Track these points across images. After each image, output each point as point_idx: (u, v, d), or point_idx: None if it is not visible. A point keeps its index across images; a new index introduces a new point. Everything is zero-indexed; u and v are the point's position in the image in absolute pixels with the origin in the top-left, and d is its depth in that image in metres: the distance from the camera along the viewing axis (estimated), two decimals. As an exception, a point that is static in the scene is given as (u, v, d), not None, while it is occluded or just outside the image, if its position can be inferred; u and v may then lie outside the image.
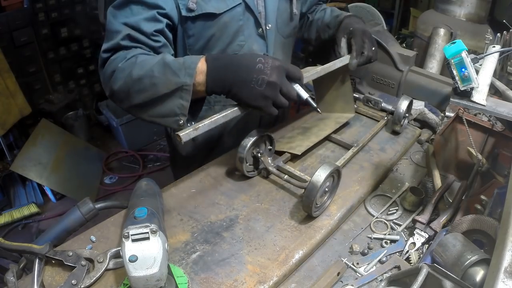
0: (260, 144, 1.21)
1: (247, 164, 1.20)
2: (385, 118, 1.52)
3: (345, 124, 1.49)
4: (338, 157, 1.30)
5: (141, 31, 1.05)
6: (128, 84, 1.00)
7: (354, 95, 1.55)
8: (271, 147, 1.25)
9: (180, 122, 0.98)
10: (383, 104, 1.53)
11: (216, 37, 1.23)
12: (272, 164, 1.20)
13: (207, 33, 1.21)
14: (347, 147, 1.37)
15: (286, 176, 1.17)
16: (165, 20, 1.11)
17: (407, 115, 1.45)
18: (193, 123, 0.97)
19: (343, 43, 1.34)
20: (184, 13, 1.14)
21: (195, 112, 1.04)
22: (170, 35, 1.15)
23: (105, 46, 1.07)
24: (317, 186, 1.00)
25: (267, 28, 1.31)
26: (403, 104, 1.41)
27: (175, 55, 1.24)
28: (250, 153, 1.18)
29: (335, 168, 1.05)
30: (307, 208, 1.05)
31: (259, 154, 1.19)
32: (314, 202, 1.02)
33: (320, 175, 1.01)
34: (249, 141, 1.16)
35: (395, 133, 1.47)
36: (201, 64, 0.97)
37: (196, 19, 1.17)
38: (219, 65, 0.97)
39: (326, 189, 1.09)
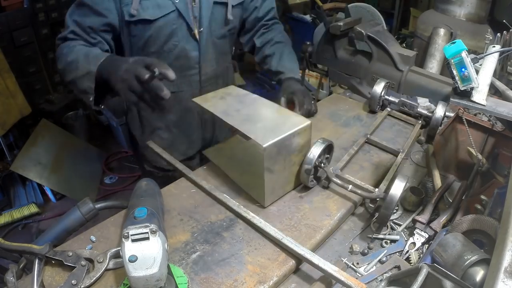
0: (320, 154, 1.14)
1: (312, 176, 1.16)
2: (419, 122, 1.51)
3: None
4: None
5: (84, 29, 1.37)
6: (65, 65, 1.33)
7: (356, 96, 1.55)
8: (328, 156, 1.21)
9: (90, 99, 1.27)
10: (419, 109, 1.53)
11: (153, 38, 1.45)
12: (333, 173, 1.16)
13: (146, 35, 1.44)
14: (394, 153, 1.35)
15: (350, 187, 1.11)
16: (105, 25, 1.38)
17: (443, 120, 1.43)
18: (101, 106, 1.33)
19: (283, 102, 1.52)
20: (127, 17, 1.38)
21: (101, 99, 1.32)
22: (107, 36, 1.41)
23: (60, 35, 1.42)
24: (395, 200, 0.99)
25: (200, 30, 1.49)
26: (441, 110, 1.39)
27: (123, 52, 1.52)
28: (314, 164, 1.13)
29: (407, 179, 1.04)
30: (382, 222, 1.05)
31: (322, 164, 1.16)
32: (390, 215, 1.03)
33: (398, 188, 0.99)
34: (316, 153, 1.11)
35: (430, 138, 1.45)
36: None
37: (137, 23, 1.40)
38: (105, 64, 1.22)
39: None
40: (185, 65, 1.53)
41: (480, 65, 1.05)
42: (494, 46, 1.08)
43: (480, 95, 0.94)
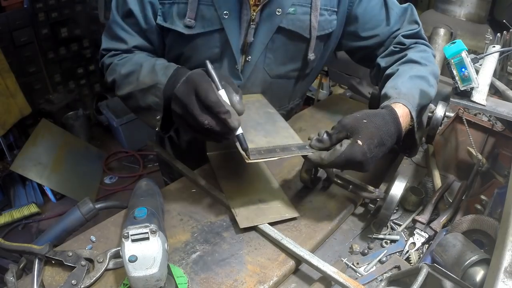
0: None
1: (312, 176, 1.15)
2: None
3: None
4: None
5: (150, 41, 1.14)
6: (119, 76, 1.07)
7: (356, 96, 1.54)
8: None
9: (157, 117, 0.99)
10: None
11: (185, 56, 1.15)
12: (333, 174, 1.15)
13: (177, 50, 1.15)
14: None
15: (351, 187, 1.11)
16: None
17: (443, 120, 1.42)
18: (166, 133, 1.05)
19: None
20: (159, 20, 1.10)
21: (169, 125, 1.04)
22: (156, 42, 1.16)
23: (105, 45, 1.16)
24: (395, 200, 0.99)
25: (247, 59, 1.14)
26: (441, 110, 1.38)
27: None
28: None
29: (407, 179, 1.02)
30: (382, 222, 1.05)
31: None
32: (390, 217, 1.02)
33: (398, 188, 0.99)
34: None
35: (430, 138, 1.44)
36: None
37: (168, 31, 1.11)
38: (172, 78, 0.96)
39: None
40: None
41: (480, 65, 1.05)
42: (494, 46, 1.08)
43: (480, 95, 0.94)
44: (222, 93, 0.89)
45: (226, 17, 1.06)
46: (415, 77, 1.07)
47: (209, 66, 0.90)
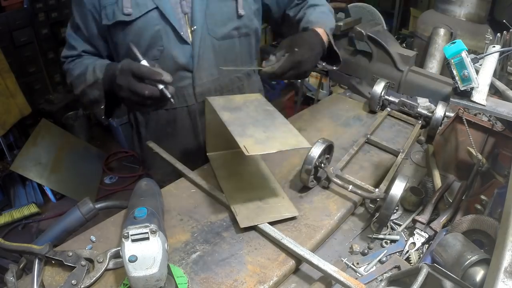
0: (321, 154, 1.13)
1: (312, 176, 1.16)
2: (419, 122, 1.51)
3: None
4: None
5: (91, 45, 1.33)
6: (74, 78, 1.30)
7: (356, 96, 1.54)
8: (328, 156, 1.21)
9: (102, 107, 1.22)
10: (419, 109, 1.52)
11: (134, 44, 1.19)
12: (333, 173, 1.16)
13: (126, 40, 1.24)
14: (394, 153, 1.35)
15: (351, 187, 1.11)
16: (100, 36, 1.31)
17: (443, 120, 1.43)
18: (110, 119, 1.27)
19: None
20: (104, 21, 1.24)
21: (112, 111, 1.29)
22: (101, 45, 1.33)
23: (66, 53, 1.36)
24: (395, 200, 0.99)
25: (192, 29, 1.26)
26: (441, 110, 1.39)
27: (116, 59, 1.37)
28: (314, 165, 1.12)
29: (407, 179, 1.03)
30: (382, 222, 1.05)
31: (322, 165, 1.16)
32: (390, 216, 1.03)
33: (398, 188, 0.99)
34: (317, 153, 1.10)
35: (430, 138, 1.45)
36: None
37: (115, 26, 1.24)
38: (107, 74, 1.18)
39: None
40: (175, 74, 1.26)
41: (480, 65, 1.05)
42: (494, 46, 1.08)
43: (480, 95, 0.94)
44: (144, 62, 1.07)
45: None
46: (320, 12, 1.43)
47: (132, 45, 1.11)
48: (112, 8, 1.21)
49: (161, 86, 1.04)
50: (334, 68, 1.38)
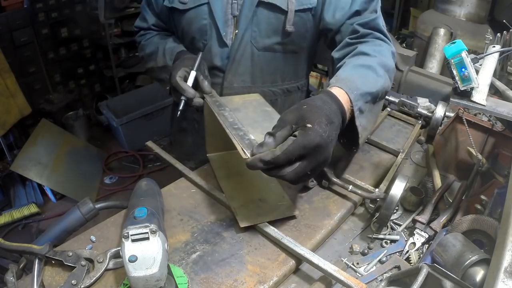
0: None
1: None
2: (419, 122, 1.51)
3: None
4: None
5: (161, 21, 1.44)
6: (144, 55, 1.45)
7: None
8: None
9: (167, 88, 1.25)
10: (419, 109, 1.52)
11: (185, 31, 1.34)
12: (333, 173, 1.16)
13: (180, 26, 1.35)
14: (394, 153, 1.35)
15: (351, 187, 1.11)
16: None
17: (443, 120, 1.42)
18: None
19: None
20: (165, 3, 1.32)
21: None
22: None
23: (136, 24, 1.51)
24: (395, 200, 0.99)
25: (236, 33, 1.26)
26: (441, 110, 1.39)
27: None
28: None
29: (407, 179, 1.03)
30: (382, 222, 1.05)
31: None
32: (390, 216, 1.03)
33: (398, 188, 0.99)
34: None
35: (430, 138, 1.45)
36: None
37: (171, 11, 1.33)
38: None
39: None
40: (210, 70, 1.29)
41: (480, 65, 1.05)
42: (494, 46, 1.08)
43: (480, 95, 0.94)
44: (192, 74, 1.18)
45: None
46: (359, 65, 1.03)
47: (199, 53, 1.21)
48: None
49: (182, 98, 1.17)
50: (349, 151, 1.11)
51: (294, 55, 1.35)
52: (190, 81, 1.18)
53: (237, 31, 1.26)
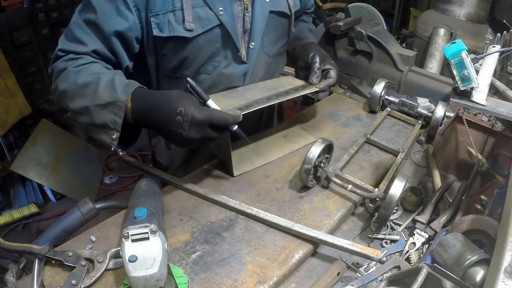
0: (320, 153, 1.13)
1: (311, 175, 1.16)
2: (419, 122, 1.51)
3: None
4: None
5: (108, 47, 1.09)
6: (72, 86, 1.01)
7: (356, 96, 1.53)
8: (328, 155, 1.21)
9: (113, 137, 0.97)
10: (419, 109, 1.53)
11: (189, 60, 1.17)
12: (332, 173, 1.16)
13: (180, 55, 1.16)
14: (394, 153, 1.36)
15: (350, 187, 1.11)
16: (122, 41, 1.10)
17: (443, 120, 1.43)
18: (120, 151, 1.01)
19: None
20: (155, 32, 1.10)
21: (129, 143, 1.06)
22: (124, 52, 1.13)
23: (62, 46, 1.09)
24: (394, 199, 0.99)
25: (250, 47, 1.23)
26: (441, 110, 1.39)
27: (147, 72, 1.23)
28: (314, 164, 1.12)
29: (407, 179, 1.04)
30: (382, 221, 1.05)
31: (322, 164, 1.16)
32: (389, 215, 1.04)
33: (397, 188, 1.00)
34: (316, 152, 1.10)
35: (430, 138, 1.45)
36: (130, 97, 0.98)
37: (168, 40, 1.12)
38: (141, 108, 0.97)
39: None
40: (225, 89, 1.25)
41: (480, 65, 1.05)
42: (494, 46, 1.08)
43: (480, 95, 0.94)
44: (211, 102, 0.99)
45: (222, 13, 1.13)
46: (309, 30, 1.55)
47: (192, 83, 0.98)
48: (166, 17, 1.08)
49: (235, 128, 1.01)
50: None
51: (283, 56, 1.45)
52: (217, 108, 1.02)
53: (253, 43, 1.22)
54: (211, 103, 1.01)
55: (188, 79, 0.99)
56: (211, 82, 1.22)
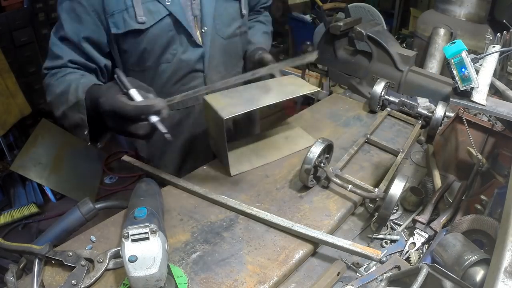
0: (320, 153, 1.13)
1: (311, 175, 1.16)
2: (419, 122, 1.51)
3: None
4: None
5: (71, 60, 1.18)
6: (54, 97, 1.15)
7: (356, 96, 1.53)
8: (328, 155, 1.21)
9: (85, 133, 1.07)
10: (419, 109, 1.52)
11: (147, 51, 1.25)
12: (332, 173, 1.16)
13: (139, 48, 1.24)
14: (394, 153, 1.36)
15: (350, 186, 1.11)
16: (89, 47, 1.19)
17: (443, 120, 1.43)
18: (98, 144, 1.11)
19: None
20: (114, 31, 1.19)
21: (98, 137, 1.13)
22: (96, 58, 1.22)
23: (46, 65, 1.21)
24: (394, 199, 0.99)
25: (203, 31, 1.30)
26: (441, 110, 1.39)
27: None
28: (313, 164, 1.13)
29: (407, 179, 1.04)
30: (382, 221, 1.06)
31: (322, 164, 1.16)
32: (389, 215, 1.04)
33: (397, 188, 1.00)
34: (316, 152, 1.11)
35: (430, 138, 1.45)
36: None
37: (126, 36, 1.20)
38: (90, 104, 1.04)
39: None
40: (187, 76, 1.33)
41: (480, 65, 1.05)
42: (494, 46, 1.08)
43: (480, 95, 0.94)
44: (133, 91, 0.94)
45: (169, 3, 1.20)
46: (264, 33, 1.62)
47: (118, 72, 0.99)
48: (121, 15, 1.17)
49: (153, 119, 0.92)
50: None
51: (245, 35, 1.49)
52: (139, 98, 0.94)
53: (205, 28, 1.29)
54: (133, 92, 0.94)
55: (116, 69, 1.00)
56: (172, 69, 1.30)
